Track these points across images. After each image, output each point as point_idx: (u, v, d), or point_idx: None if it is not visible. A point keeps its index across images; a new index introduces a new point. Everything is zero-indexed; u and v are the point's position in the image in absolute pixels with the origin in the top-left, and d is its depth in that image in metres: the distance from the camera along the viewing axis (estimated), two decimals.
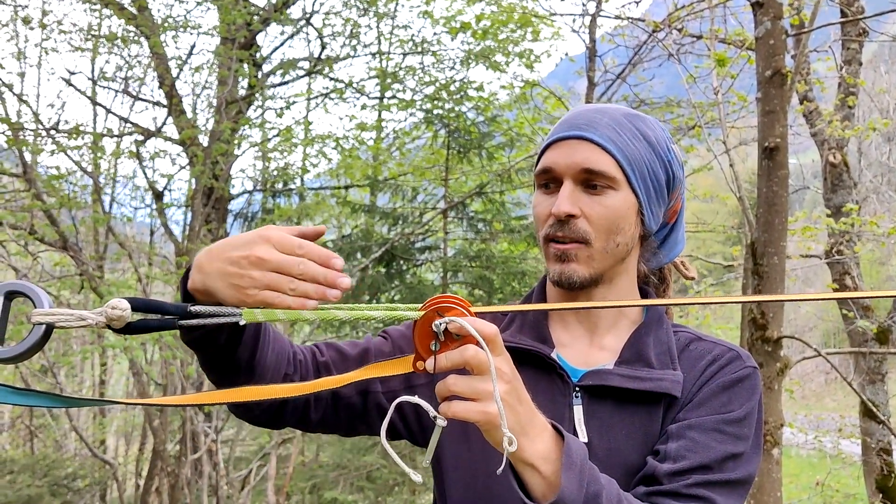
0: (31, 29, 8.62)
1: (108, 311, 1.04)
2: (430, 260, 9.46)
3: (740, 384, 1.30)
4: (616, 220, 1.32)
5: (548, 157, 1.35)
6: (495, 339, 1.06)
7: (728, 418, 1.26)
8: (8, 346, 1.03)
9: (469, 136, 9.05)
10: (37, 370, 8.65)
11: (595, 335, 1.40)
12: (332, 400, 1.38)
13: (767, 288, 4.08)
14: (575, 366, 1.36)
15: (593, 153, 1.31)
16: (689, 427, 1.25)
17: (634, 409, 1.30)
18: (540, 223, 1.36)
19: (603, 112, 1.37)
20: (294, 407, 1.36)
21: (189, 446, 7.13)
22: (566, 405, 1.31)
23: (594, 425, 1.29)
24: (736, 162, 5.27)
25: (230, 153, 8.04)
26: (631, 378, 1.30)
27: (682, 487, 1.19)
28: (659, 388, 1.29)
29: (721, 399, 1.28)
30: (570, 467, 1.07)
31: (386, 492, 8.93)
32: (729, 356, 1.34)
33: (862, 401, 6.50)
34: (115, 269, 8.80)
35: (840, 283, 7.58)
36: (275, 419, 1.38)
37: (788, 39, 4.95)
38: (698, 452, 1.22)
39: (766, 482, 4.05)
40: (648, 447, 1.28)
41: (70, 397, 1.10)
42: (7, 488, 8.29)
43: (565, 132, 1.35)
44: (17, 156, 6.61)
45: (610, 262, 1.35)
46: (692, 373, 1.32)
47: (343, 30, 9.89)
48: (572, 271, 1.32)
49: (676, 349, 1.36)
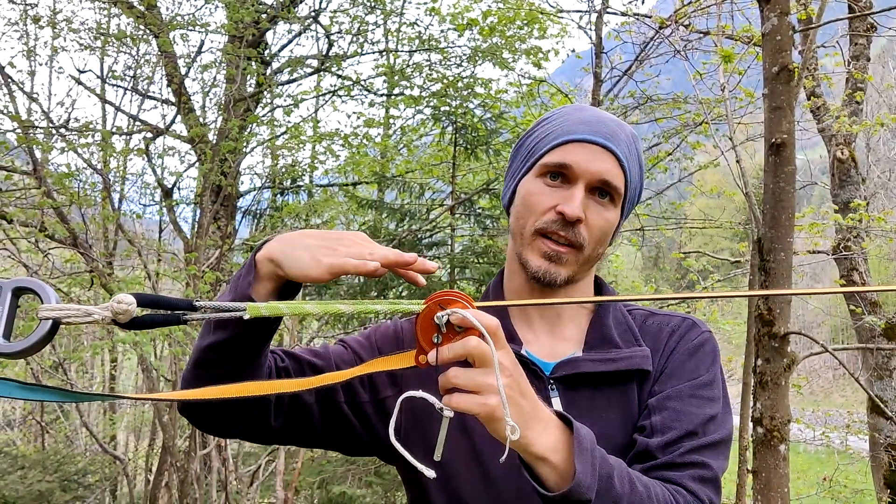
0: (40, 28, 8.66)
1: (114, 306, 1.06)
2: (438, 256, 9.47)
3: (702, 349, 1.37)
4: (608, 232, 1.38)
5: (567, 154, 1.34)
6: (497, 331, 1.07)
7: (699, 383, 1.32)
8: (15, 341, 1.04)
9: (476, 132, 9.06)
10: (48, 366, 8.70)
11: (556, 328, 1.43)
12: (292, 405, 1.33)
13: (774, 284, 4.08)
14: (544, 359, 1.38)
15: (614, 167, 1.34)
16: (668, 398, 1.30)
17: (610, 391, 1.34)
18: (535, 214, 1.36)
19: (621, 126, 1.39)
20: (251, 413, 1.30)
21: (198, 442, 7.17)
22: (543, 399, 1.29)
23: (574, 414, 1.28)
24: (743, 158, 5.27)
25: (239, 150, 8.07)
26: (602, 361, 1.34)
27: (676, 457, 1.24)
28: (631, 365, 1.34)
29: (689, 366, 1.35)
30: (582, 453, 1.09)
31: (394, 487, 8.95)
32: (686, 325, 1.41)
33: (870, 397, 6.49)
34: (124, 265, 8.84)
35: (848, 278, 7.57)
36: (224, 426, 1.32)
37: (796, 35, 4.95)
38: (682, 421, 1.27)
39: (773, 478, 4.05)
40: (630, 425, 1.32)
41: (77, 392, 1.12)
42: (18, 484, 8.34)
43: (590, 136, 1.35)
44: (27, 153, 6.65)
45: (587, 267, 1.41)
46: (656, 345, 1.38)
47: (350, 27, 9.91)
48: (557, 273, 1.35)
49: (635, 326, 1.41)
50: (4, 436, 11.62)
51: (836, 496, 9.22)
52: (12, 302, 1.04)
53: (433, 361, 1.07)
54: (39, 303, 1.05)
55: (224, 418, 1.30)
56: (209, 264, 7.31)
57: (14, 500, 8.13)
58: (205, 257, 7.31)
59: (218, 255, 7.78)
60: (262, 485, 8.70)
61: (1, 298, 1.04)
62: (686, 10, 6.51)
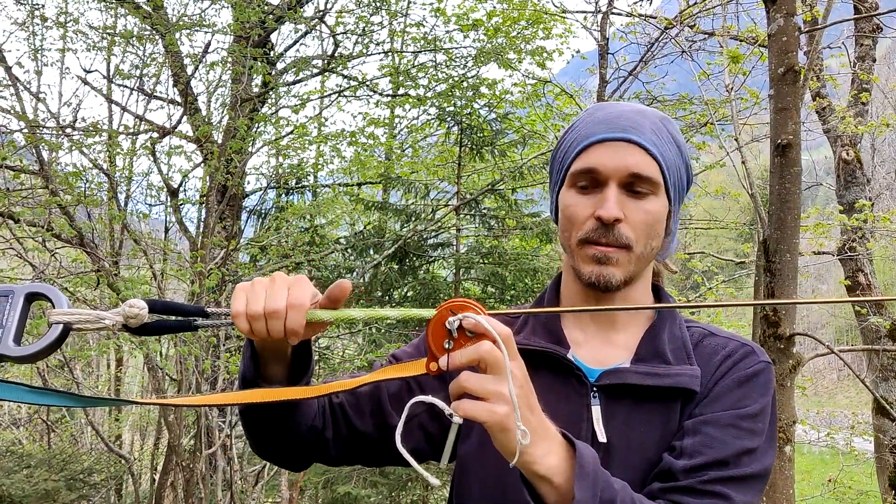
0: (47, 28, 8.69)
1: (126, 310, 1.07)
2: (443, 256, 9.48)
3: (755, 379, 1.30)
4: (654, 225, 1.32)
5: (591, 158, 1.32)
6: (509, 339, 1.05)
7: (743, 413, 1.26)
8: (25, 345, 1.05)
9: (481, 133, 9.07)
10: (54, 365, 8.73)
11: (610, 333, 1.39)
12: (350, 435, 1.39)
13: (780, 285, 4.08)
14: (590, 365, 1.35)
15: (642, 158, 1.30)
16: (705, 423, 1.25)
17: (652, 406, 1.29)
18: (576, 225, 1.33)
19: (643, 114, 1.35)
20: (315, 448, 1.38)
21: (204, 441, 7.18)
22: (584, 406, 1.30)
23: (613, 425, 1.28)
24: (748, 159, 5.27)
25: (245, 151, 8.08)
26: (649, 375, 1.30)
27: (698, 483, 1.18)
28: (678, 383, 1.29)
29: (736, 394, 1.28)
30: (583, 477, 1.06)
31: (399, 487, 8.97)
32: (743, 351, 1.33)
33: (875, 398, 6.49)
34: (130, 265, 8.86)
35: (853, 279, 7.56)
36: (298, 461, 1.41)
37: (801, 36, 4.94)
38: (714, 448, 1.21)
39: (778, 479, 4.05)
40: (668, 443, 1.27)
41: (85, 396, 1.13)
42: (24, 482, 8.37)
43: (609, 133, 1.31)
44: (34, 153, 6.67)
45: (642, 265, 1.35)
46: (707, 368, 1.32)
47: (356, 28, 9.92)
48: (610, 274, 1.31)
49: (690, 344, 1.36)
50: (10, 435, 11.65)
51: (840, 497, 9.21)
52: (24, 307, 1.05)
53: (444, 367, 1.06)
54: (51, 308, 1.05)
55: (294, 458, 1.40)
56: (215, 264, 7.33)
57: (20, 498, 8.15)
58: (210, 257, 7.33)
59: (223, 255, 7.80)
60: (266, 484, 8.71)
61: (13, 303, 1.04)
62: (691, 10, 6.50)
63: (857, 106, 7.71)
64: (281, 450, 1.36)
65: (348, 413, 1.38)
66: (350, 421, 1.38)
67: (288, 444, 1.34)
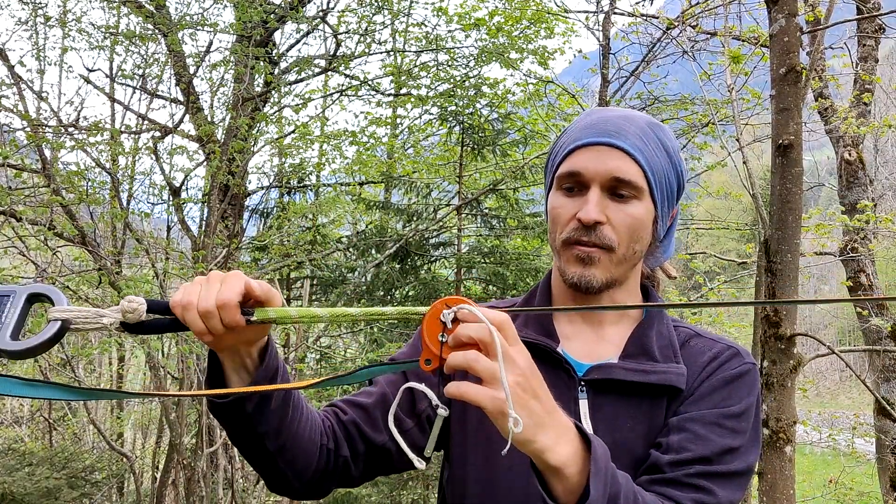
0: (50, 27, 8.69)
1: (125, 305, 1.07)
2: (445, 256, 9.49)
3: (740, 380, 1.33)
4: (638, 228, 1.35)
5: (575, 161, 1.35)
6: (505, 325, 1.05)
7: (727, 413, 1.29)
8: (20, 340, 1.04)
9: (483, 132, 9.07)
10: (56, 363, 8.74)
11: (599, 329, 1.43)
12: (368, 449, 1.40)
13: (781, 285, 4.08)
14: (579, 360, 1.38)
15: (623, 162, 1.33)
16: (691, 420, 1.28)
17: (639, 402, 1.32)
18: (560, 226, 1.37)
19: (629, 120, 1.38)
20: (334, 471, 1.38)
21: (205, 440, 7.20)
22: (571, 399, 1.33)
23: (600, 419, 1.31)
24: (750, 159, 5.26)
25: (247, 150, 8.10)
26: (636, 371, 1.33)
27: (683, 476, 1.22)
28: (664, 380, 1.32)
29: (721, 394, 1.31)
30: (598, 473, 1.06)
31: (400, 486, 8.96)
32: (729, 353, 1.37)
33: (876, 399, 6.48)
34: (132, 264, 8.87)
35: (855, 280, 7.55)
36: (318, 489, 1.40)
37: (803, 36, 4.94)
38: (699, 444, 1.25)
39: (779, 479, 4.04)
40: (653, 439, 1.30)
41: (76, 388, 1.13)
42: (26, 480, 8.38)
43: (594, 138, 1.35)
44: (36, 152, 6.68)
45: (625, 268, 1.38)
46: (693, 367, 1.35)
47: (358, 27, 9.92)
48: (592, 276, 1.34)
49: (677, 343, 1.39)
50: (13, 433, 11.67)
51: (841, 499, 9.21)
52: (25, 306, 1.06)
53: (441, 353, 1.06)
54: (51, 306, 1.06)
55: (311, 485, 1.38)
56: (217, 263, 7.34)
57: (22, 496, 8.16)
58: (212, 256, 7.34)
59: (225, 254, 7.81)
60: None
61: (14, 302, 1.05)
62: (693, 10, 6.50)
63: (859, 107, 7.70)
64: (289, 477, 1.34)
65: (362, 428, 1.40)
66: (365, 435, 1.40)
67: (295, 469, 1.33)
